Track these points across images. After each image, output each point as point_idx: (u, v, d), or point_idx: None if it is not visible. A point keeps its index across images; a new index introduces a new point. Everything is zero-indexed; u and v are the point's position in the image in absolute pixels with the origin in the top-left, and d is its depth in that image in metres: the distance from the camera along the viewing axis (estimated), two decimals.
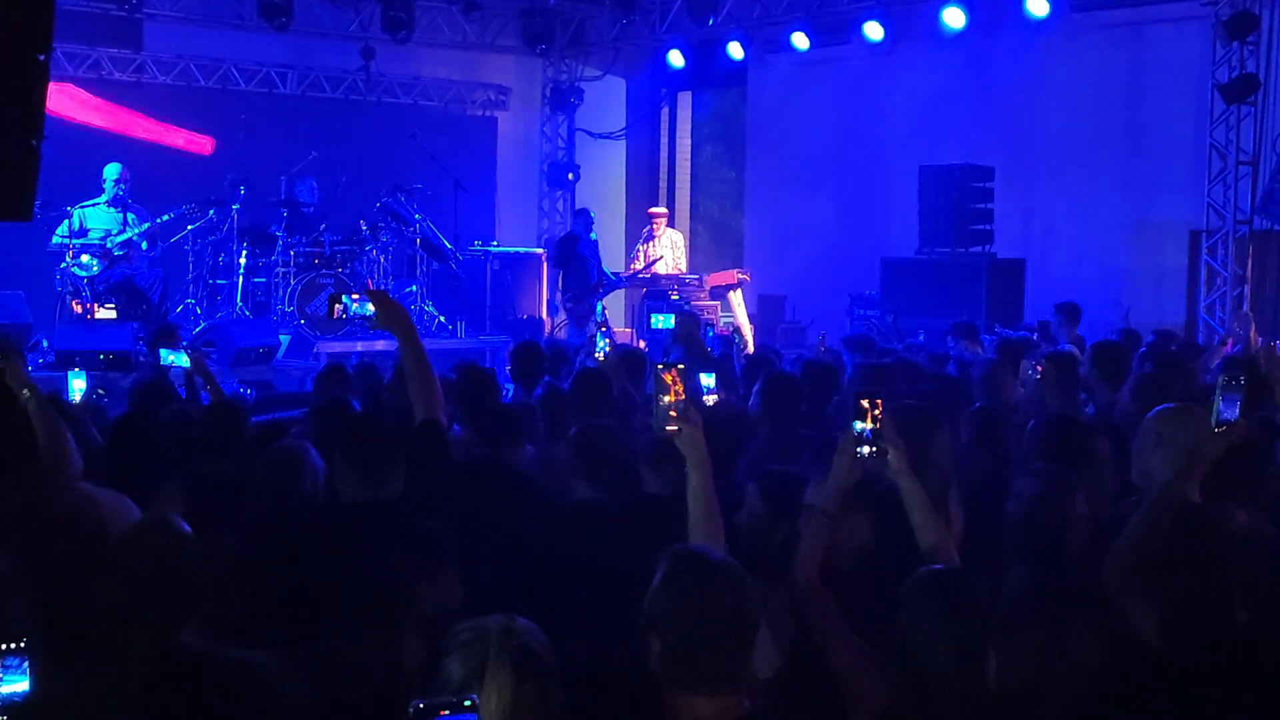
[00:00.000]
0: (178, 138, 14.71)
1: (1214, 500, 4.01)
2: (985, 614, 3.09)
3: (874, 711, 3.17)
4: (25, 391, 4.50)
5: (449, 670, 2.46)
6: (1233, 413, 3.75)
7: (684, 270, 15.03)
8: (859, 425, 3.42)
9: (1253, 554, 3.72)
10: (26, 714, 2.40)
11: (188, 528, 3.29)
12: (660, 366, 3.29)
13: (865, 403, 3.44)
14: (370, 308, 4.46)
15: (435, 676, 2.49)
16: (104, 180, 12.35)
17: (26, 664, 2.40)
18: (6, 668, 2.39)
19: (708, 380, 5.84)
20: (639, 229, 15.99)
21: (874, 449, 3.41)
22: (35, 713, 2.41)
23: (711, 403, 5.87)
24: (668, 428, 3.26)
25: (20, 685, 2.40)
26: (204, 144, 14.79)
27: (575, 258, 14.28)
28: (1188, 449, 3.83)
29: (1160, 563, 3.49)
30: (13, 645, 2.41)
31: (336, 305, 4.57)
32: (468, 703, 2.10)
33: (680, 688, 2.68)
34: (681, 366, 3.33)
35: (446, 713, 2.09)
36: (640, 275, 14.60)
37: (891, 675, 3.13)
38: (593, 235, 14.56)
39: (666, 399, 3.23)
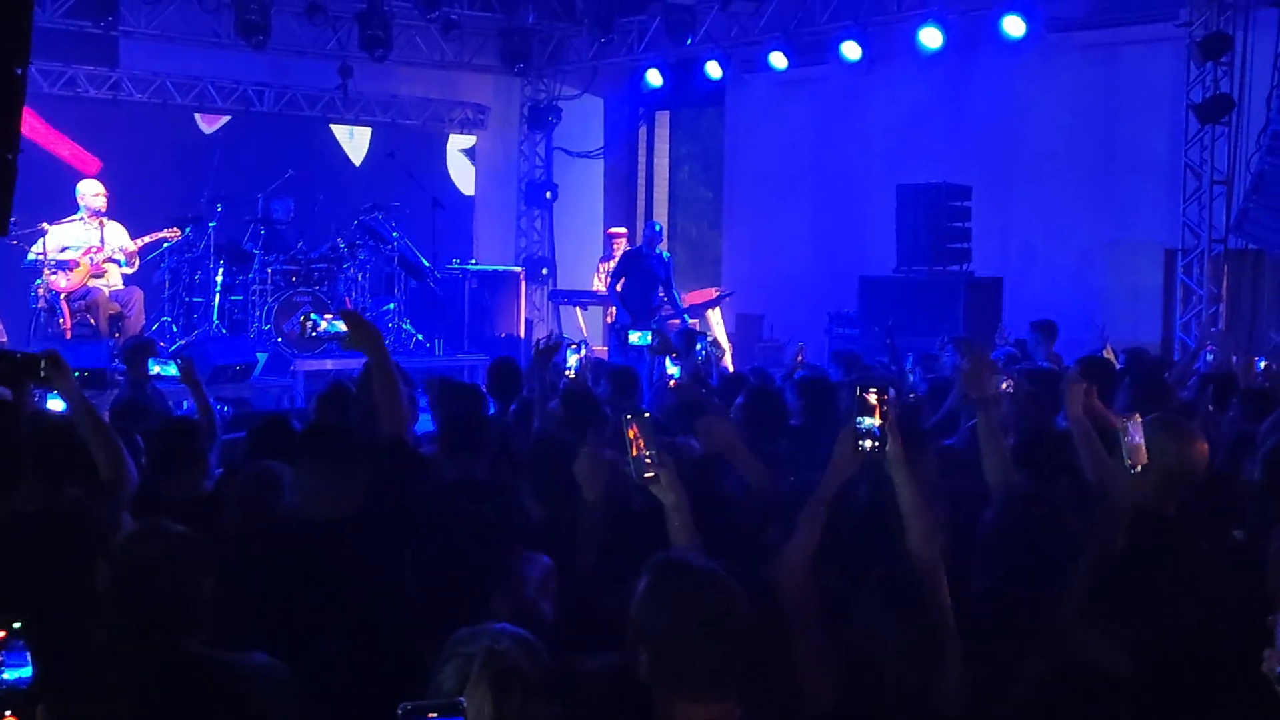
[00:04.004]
0: (64, 149, 14.27)
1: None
2: (936, 616, 3.14)
3: (824, 707, 3.20)
4: (71, 403, 4.46)
5: (441, 677, 2.47)
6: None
7: None
8: (867, 421, 3.40)
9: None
10: (30, 700, 2.39)
11: (182, 530, 3.31)
12: (625, 419, 3.46)
13: (871, 397, 3.42)
14: (341, 326, 4.54)
15: (430, 681, 2.49)
16: (79, 196, 12.28)
17: (28, 652, 2.39)
18: (10, 652, 2.37)
19: (673, 370, 6.19)
20: None
21: (876, 443, 3.40)
22: (38, 700, 2.41)
23: (672, 384, 6.02)
24: (645, 475, 3.42)
25: (23, 672, 2.38)
26: (89, 163, 14.22)
27: (634, 273, 13.34)
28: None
29: (1139, 584, 3.48)
30: (14, 630, 2.40)
31: (308, 324, 4.66)
32: (456, 705, 2.09)
33: (672, 696, 2.67)
34: (647, 414, 3.53)
35: (434, 715, 2.08)
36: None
37: (838, 673, 3.17)
38: (661, 252, 13.58)
39: (633, 453, 3.41)
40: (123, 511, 4.22)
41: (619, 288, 13.44)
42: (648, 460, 3.41)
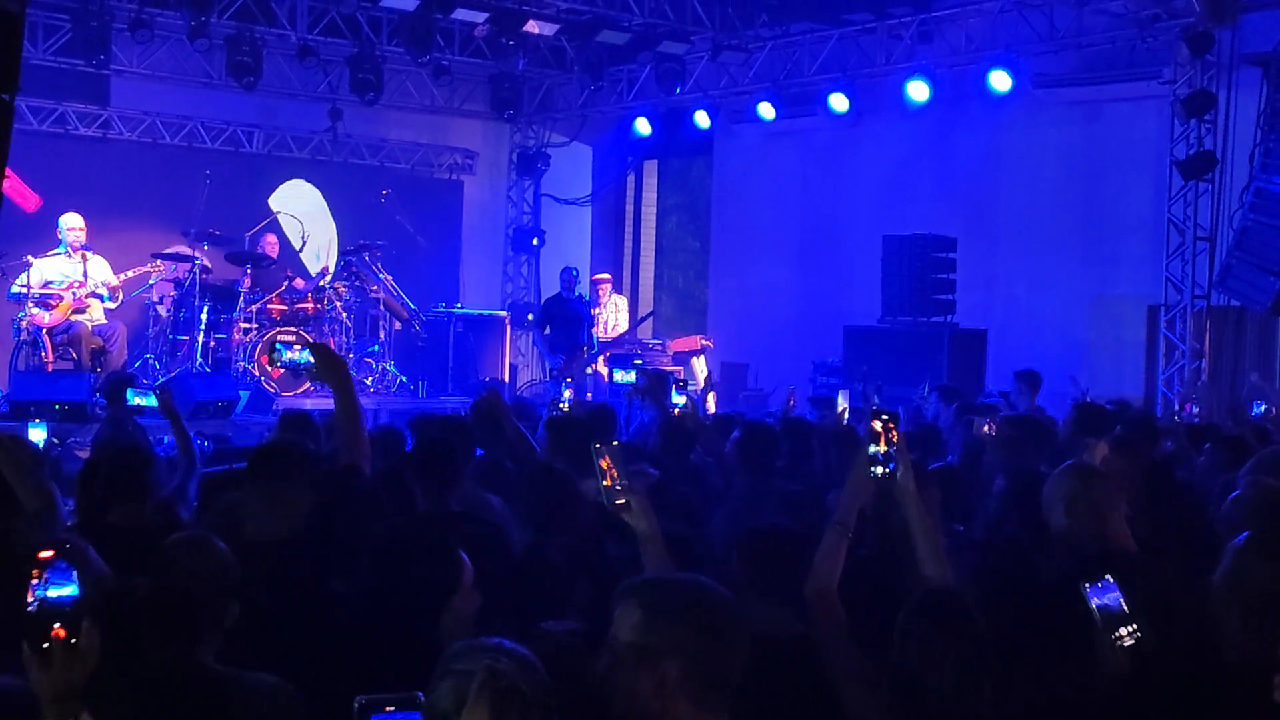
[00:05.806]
0: (4, 182, 14.15)
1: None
2: (980, 636, 3.17)
3: None
4: None
5: (436, 695, 2.42)
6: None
7: (622, 331, 15.12)
8: (874, 448, 3.57)
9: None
10: (77, 617, 2.44)
11: (225, 547, 3.40)
12: (595, 448, 3.53)
13: (878, 425, 3.59)
14: (307, 355, 4.81)
15: (429, 693, 2.44)
16: (60, 230, 12.25)
17: (74, 571, 2.46)
18: (55, 571, 2.44)
19: (679, 399, 6.92)
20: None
21: (886, 469, 3.56)
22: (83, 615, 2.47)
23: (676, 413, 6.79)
24: (617, 502, 3.50)
25: (68, 590, 2.44)
26: (29, 199, 13.79)
27: (558, 317, 14.07)
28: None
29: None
30: (62, 550, 2.47)
31: (273, 353, 4.95)
32: (414, 699, 2.07)
33: (700, 708, 2.63)
34: (617, 443, 3.63)
35: (391, 709, 2.08)
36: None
37: (885, 694, 3.20)
38: (580, 293, 14.31)
39: (606, 482, 3.49)
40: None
41: (546, 332, 14.10)
42: (618, 489, 3.49)
